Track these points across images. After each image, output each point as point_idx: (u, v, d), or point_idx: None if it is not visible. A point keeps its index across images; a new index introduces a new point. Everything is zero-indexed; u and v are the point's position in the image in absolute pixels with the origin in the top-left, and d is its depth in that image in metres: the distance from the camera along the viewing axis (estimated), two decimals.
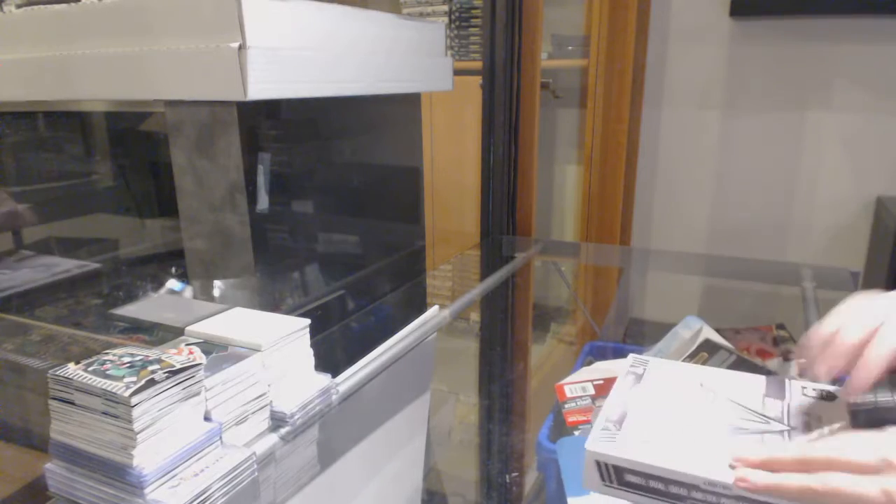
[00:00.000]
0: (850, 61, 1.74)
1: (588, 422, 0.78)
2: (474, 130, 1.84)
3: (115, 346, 0.50)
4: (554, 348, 1.69)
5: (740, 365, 0.84)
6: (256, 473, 0.50)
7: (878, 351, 0.47)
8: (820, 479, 0.42)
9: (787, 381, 0.60)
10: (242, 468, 0.48)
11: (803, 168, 1.87)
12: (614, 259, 1.70)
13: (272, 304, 0.78)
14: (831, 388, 0.59)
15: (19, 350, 0.81)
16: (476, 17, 1.98)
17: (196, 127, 0.71)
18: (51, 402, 0.45)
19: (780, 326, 1.00)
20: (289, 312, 0.61)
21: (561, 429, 0.81)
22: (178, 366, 0.46)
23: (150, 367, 0.45)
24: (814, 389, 0.59)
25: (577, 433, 0.77)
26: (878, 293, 0.53)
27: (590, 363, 0.96)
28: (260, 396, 0.54)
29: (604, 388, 0.83)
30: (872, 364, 0.47)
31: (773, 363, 0.87)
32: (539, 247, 1.49)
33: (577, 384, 0.85)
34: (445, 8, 2.01)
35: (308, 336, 0.59)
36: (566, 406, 0.81)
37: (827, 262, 1.81)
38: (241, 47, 0.63)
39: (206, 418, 0.49)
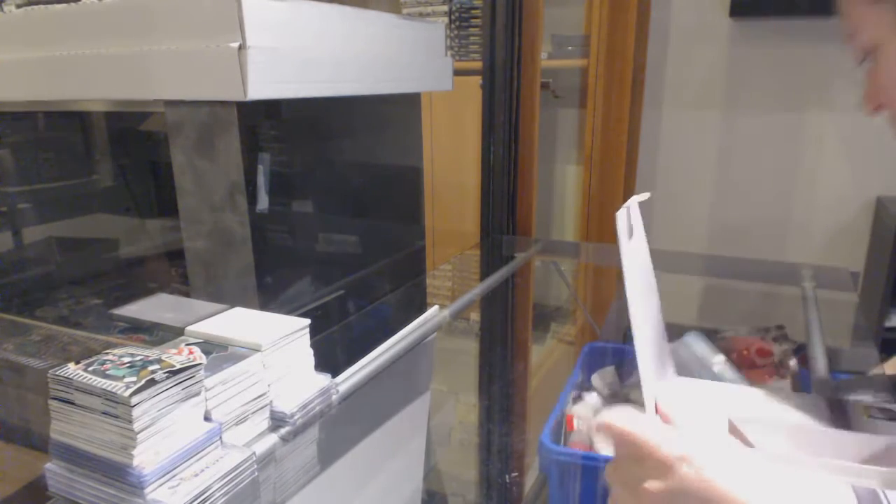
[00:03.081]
0: (849, 61, 1.74)
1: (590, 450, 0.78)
2: (474, 130, 1.84)
3: (115, 346, 0.49)
4: (554, 348, 1.69)
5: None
6: (256, 473, 0.50)
7: None
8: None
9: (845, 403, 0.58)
10: (242, 468, 0.48)
11: (803, 168, 1.87)
12: (614, 259, 1.69)
13: (272, 304, 0.78)
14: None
15: (19, 350, 0.81)
16: (476, 17, 1.97)
17: (196, 127, 0.71)
18: (51, 402, 0.45)
19: (780, 327, 1.00)
20: (289, 312, 0.61)
21: (563, 429, 0.81)
22: (179, 366, 0.46)
23: (150, 367, 0.44)
24: (878, 410, 0.57)
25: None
26: None
27: (586, 389, 0.95)
28: (260, 396, 0.54)
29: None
30: None
31: (768, 360, 0.87)
32: (539, 247, 1.49)
33: (582, 409, 0.86)
34: (445, 8, 2.01)
35: (308, 336, 0.59)
36: (572, 438, 0.82)
37: (827, 262, 1.81)
38: (241, 47, 0.63)
39: (206, 418, 0.49)
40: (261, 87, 0.65)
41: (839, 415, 0.60)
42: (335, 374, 0.63)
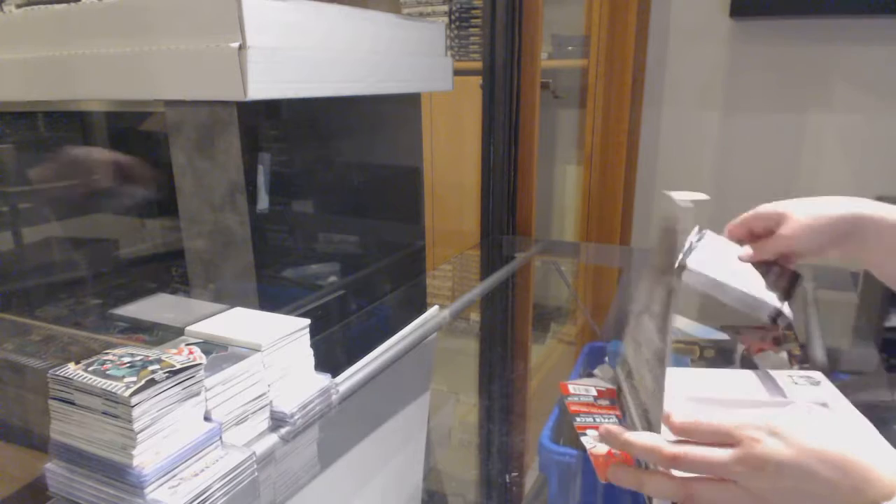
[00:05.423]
0: (850, 62, 1.74)
1: (589, 412, 0.79)
2: (474, 130, 1.84)
3: (115, 346, 0.49)
4: (554, 348, 1.69)
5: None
6: (256, 473, 0.50)
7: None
8: (678, 449, 0.46)
9: (772, 374, 0.66)
10: (242, 468, 0.48)
11: (803, 168, 1.87)
12: (614, 259, 1.70)
13: (272, 303, 0.78)
14: (814, 373, 0.67)
15: (19, 350, 0.81)
16: (476, 17, 1.97)
17: (196, 127, 0.71)
18: (51, 402, 0.45)
19: (788, 327, 1.00)
20: (289, 312, 0.61)
21: (563, 430, 0.81)
22: (179, 366, 0.46)
23: (151, 367, 0.44)
24: (801, 377, 0.66)
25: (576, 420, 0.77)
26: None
27: (589, 375, 0.95)
28: (260, 396, 0.54)
29: (605, 394, 0.84)
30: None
31: (762, 356, 0.87)
32: (539, 247, 1.49)
33: (580, 385, 0.85)
34: (445, 8, 2.01)
35: (308, 336, 0.59)
36: (569, 398, 0.82)
37: (827, 262, 1.80)
38: (241, 47, 0.63)
39: (206, 418, 0.49)
40: (261, 87, 0.65)
41: (772, 384, 0.67)
42: (335, 374, 0.63)
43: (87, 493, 0.45)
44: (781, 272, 0.68)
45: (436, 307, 0.86)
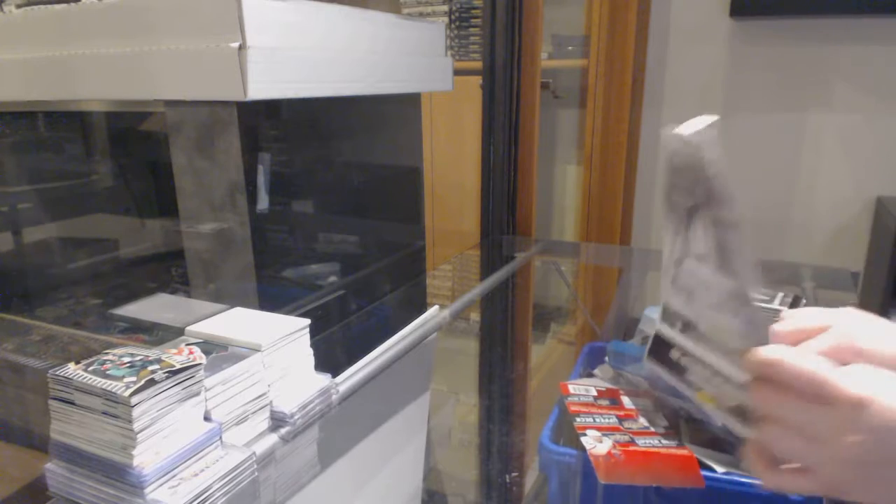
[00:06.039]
0: (850, 62, 1.74)
1: (589, 412, 0.79)
2: (474, 130, 1.84)
3: (115, 346, 0.49)
4: (554, 348, 1.69)
5: None
6: (256, 473, 0.50)
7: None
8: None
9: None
10: (242, 468, 0.48)
11: (803, 168, 1.87)
12: (614, 259, 1.70)
13: (272, 303, 0.78)
14: None
15: (19, 350, 0.81)
16: (476, 17, 1.97)
17: (196, 127, 0.71)
18: (51, 402, 0.45)
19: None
20: (289, 312, 0.61)
21: (563, 430, 0.81)
22: (178, 366, 0.46)
23: (150, 367, 0.44)
24: None
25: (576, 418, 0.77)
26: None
27: (589, 375, 0.95)
28: (260, 396, 0.54)
29: (605, 394, 0.84)
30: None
31: None
32: (539, 247, 1.49)
33: (580, 385, 0.86)
34: (445, 8, 2.01)
35: (308, 336, 0.59)
36: (569, 398, 0.82)
37: (827, 262, 1.80)
38: (241, 47, 0.63)
39: (206, 418, 0.49)
40: (261, 87, 0.65)
41: None
42: (335, 374, 0.63)
43: (87, 493, 0.45)
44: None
45: (436, 307, 0.86)
